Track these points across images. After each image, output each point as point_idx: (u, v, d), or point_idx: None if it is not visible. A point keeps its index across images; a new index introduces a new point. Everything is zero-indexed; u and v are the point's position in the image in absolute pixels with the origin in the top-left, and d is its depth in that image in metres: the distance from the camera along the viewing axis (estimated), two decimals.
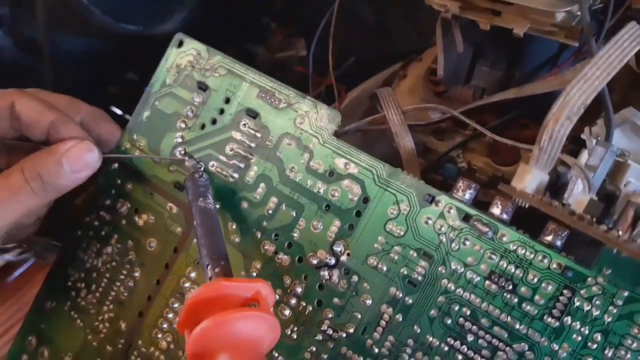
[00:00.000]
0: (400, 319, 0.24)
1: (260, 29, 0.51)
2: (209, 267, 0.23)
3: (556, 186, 0.21)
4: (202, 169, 0.28)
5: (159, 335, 0.28)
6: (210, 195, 0.26)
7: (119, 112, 0.28)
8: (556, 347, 0.21)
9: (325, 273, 0.25)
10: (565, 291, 0.22)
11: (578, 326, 0.21)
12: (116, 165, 0.30)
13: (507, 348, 0.22)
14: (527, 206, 0.20)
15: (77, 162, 0.26)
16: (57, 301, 0.31)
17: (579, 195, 0.20)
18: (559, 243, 0.22)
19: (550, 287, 0.22)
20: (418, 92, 0.33)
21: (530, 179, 0.20)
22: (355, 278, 0.25)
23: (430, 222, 0.24)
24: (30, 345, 0.31)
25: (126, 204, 0.30)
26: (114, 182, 0.30)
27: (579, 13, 0.24)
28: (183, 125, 0.29)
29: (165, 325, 0.28)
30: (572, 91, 0.19)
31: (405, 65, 0.37)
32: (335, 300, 0.25)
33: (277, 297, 0.26)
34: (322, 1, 0.40)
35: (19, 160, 0.26)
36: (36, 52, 0.38)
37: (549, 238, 0.22)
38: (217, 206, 0.27)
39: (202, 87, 0.29)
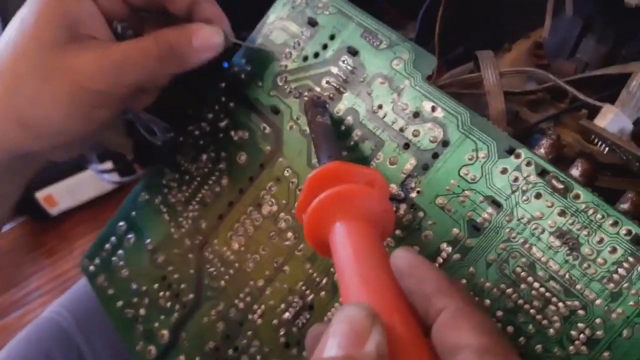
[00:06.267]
0: (458, 258, 0.24)
1: (372, 7, 0.52)
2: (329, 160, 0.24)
3: (639, 139, 0.21)
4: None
5: (233, 238, 0.31)
6: (328, 115, 0.28)
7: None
8: (611, 310, 0.21)
9: (392, 205, 0.26)
10: (630, 258, 0.21)
11: (636, 294, 0.21)
12: (223, 84, 0.33)
13: (560, 303, 0.22)
14: (605, 151, 0.20)
15: (204, 41, 0.28)
16: (150, 195, 0.34)
17: None
18: (633, 213, 0.22)
19: (615, 253, 0.22)
20: (520, 64, 0.33)
21: (613, 119, 0.19)
22: (420, 214, 0.26)
23: (506, 172, 0.24)
24: (121, 229, 0.35)
25: (226, 119, 0.33)
26: (219, 99, 0.33)
27: None
28: (288, 56, 0.31)
29: (240, 230, 0.31)
30: None
31: (512, 42, 0.37)
32: (397, 231, 0.26)
33: None
34: None
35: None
36: None
37: (625, 206, 0.22)
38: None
39: (312, 22, 0.31)
